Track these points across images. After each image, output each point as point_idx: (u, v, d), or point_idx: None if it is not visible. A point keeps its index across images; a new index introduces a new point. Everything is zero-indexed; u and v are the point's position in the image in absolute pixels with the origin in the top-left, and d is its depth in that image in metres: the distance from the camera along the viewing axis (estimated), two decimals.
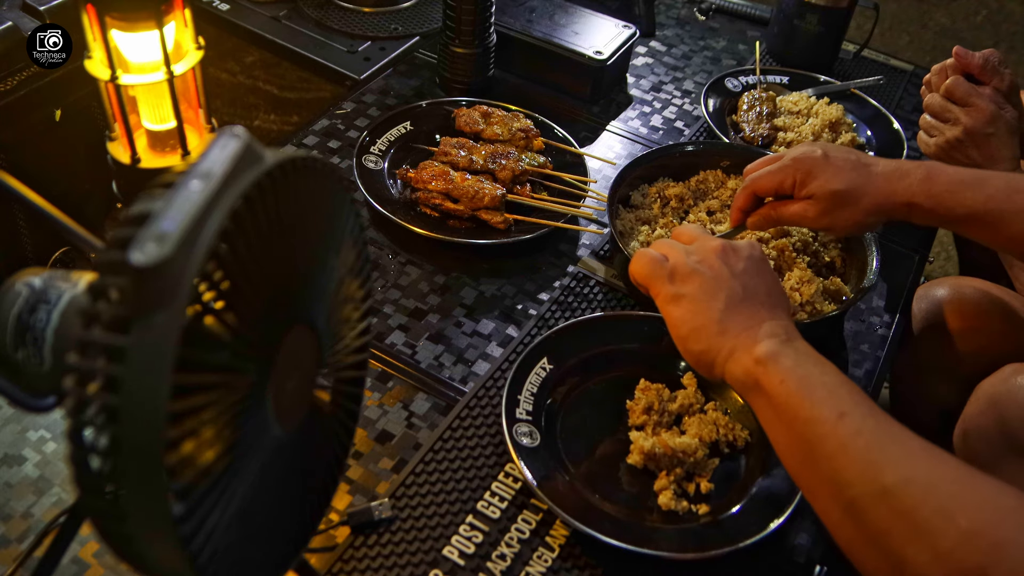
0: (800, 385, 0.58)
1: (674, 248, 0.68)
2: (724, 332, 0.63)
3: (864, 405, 0.56)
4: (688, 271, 0.66)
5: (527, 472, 0.71)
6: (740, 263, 0.66)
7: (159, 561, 0.40)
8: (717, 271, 0.66)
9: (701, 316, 0.64)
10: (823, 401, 0.56)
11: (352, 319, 0.55)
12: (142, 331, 0.36)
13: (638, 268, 0.68)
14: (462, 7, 1.09)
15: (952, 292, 1.06)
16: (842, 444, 0.54)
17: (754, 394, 0.61)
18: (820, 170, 0.77)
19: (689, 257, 0.67)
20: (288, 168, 0.43)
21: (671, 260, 0.67)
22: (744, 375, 0.61)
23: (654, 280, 0.67)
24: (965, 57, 0.97)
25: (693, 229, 0.71)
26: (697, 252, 0.67)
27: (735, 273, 0.65)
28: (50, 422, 0.75)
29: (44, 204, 0.55)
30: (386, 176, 1.01)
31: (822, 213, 0.78)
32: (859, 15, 1.30)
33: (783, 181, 0.79)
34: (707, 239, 0.69)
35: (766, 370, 0.60)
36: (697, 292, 0.65)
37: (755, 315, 0.64)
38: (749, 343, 0.62)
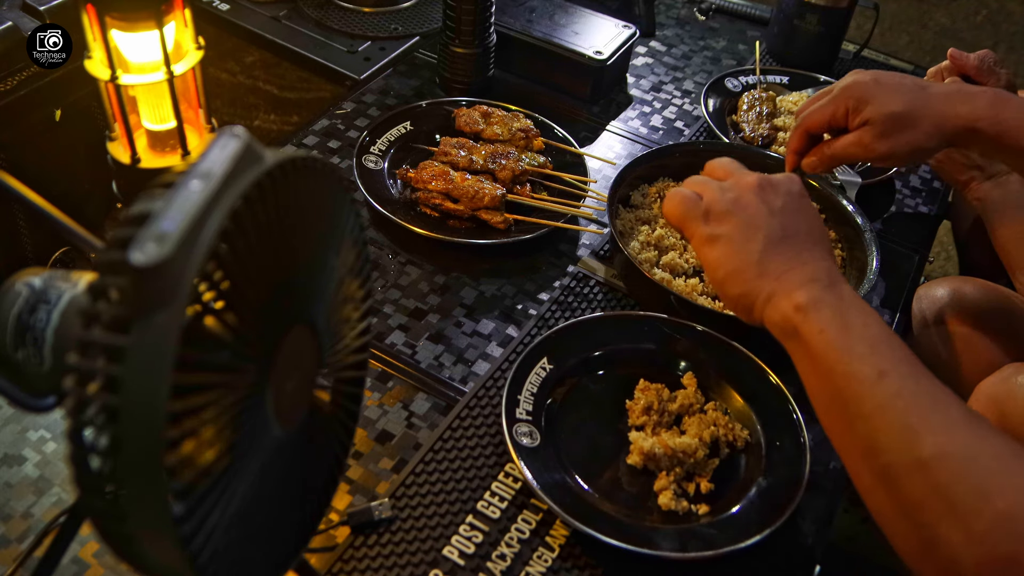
0: (840, 336, 0.55)
1: (708, 185, 0.65)
2: (763, 274, 0.60)
3: (907, 364, 0.53)
4: (724, 210, 0.63)
5: (527, 472, 0.71)
6: (778, 199, 0.63)
7: (159, 561, 0.40)
8: (755, 209, 0.62)
9: (738, 258, 0.61)
10: (863, 357, 0.54)
11: (352, 319, 0.55)
12: (142, 331, 0.36)
13: (671, 208, 0.65)
14: (462, 7, 1.09)
15: (952, 292, 1.06)
16: (880, 406, 0.52)
17: (792, 342, 0.59)
18: (873, 94, 0.73)
19: (724, 195, 0.63)
20: (288, 168, 0.43)
21: (706, 198, 0.64)
22: (783, 321, 0.59)
23: (688, 220, 0.64)
24: (960, 59, 0.97)
25: (727, 163, 0.67)
26: (733, 189, 0.64)
27: (773, 210, 0.62)
28: (50, 422, 0.75)
29: (44, 204, 0.55)
30: (386, 176, 1.01)
31: (879, 137, 0.74)
32: (859, 15, 1.30)
33: (835, 112, 0.75)
34: (743, 174, 0.65)
35: (805, 318, 0.57)
36: (734, 232, 0.62)
37: (796, 255, 0.61)
38: (789, 287, 0.59)
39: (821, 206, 1.01)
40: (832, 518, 0.75)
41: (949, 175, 1.00)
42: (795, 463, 0.74)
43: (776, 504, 0.71)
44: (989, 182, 0.96)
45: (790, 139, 0.80)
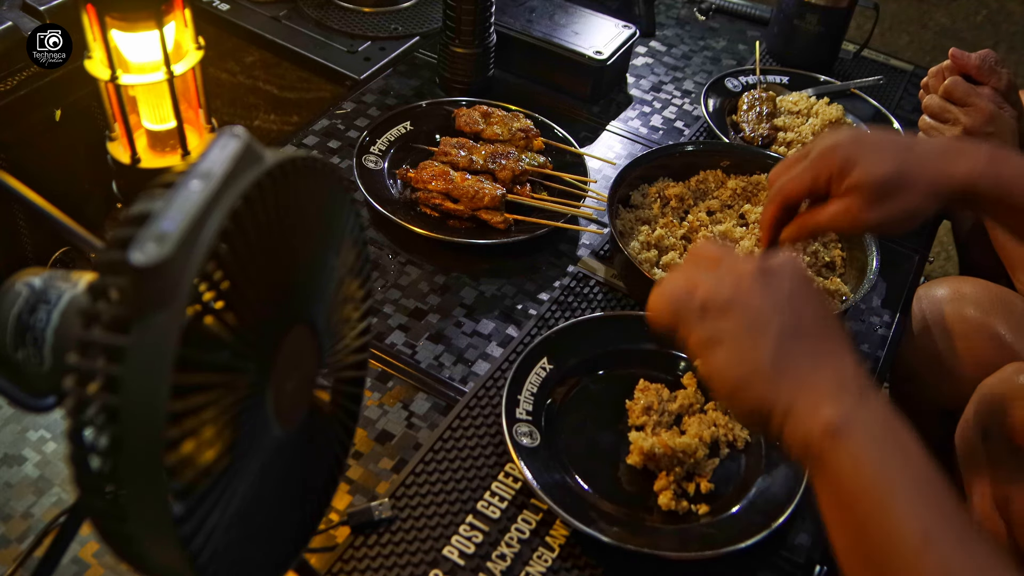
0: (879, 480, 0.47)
1: (700, 276, 0.55)
2: (779, 378, 0.51)
3: (954, 525, 0.46)
4: (723, 304, 0.53)
5: (527, 472, 0.71)
6: (784, 286, 0.54)
7: (159, 561, 0.40)
8: (759, 300, 0.53)
9: (748, 361, 0.52)
10: (907, 515, 0.46)
11: (352, 319, 0.55)
12: (142, 331, 0.36)
13: (659, 306, 0.56)
14: (462, 7, 1.09)
15: (952, 292, 1.06)
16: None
17: (817, 470, 0.50)
18: (859, 156, 0.63)
19: (721, 286, 0.54)
20: (288, 168, 0.43)
21: (700, 291, 0.54)
22: (806, 443, 0.50)
23: (682, 319, 0.55)
24: (962, 58, 0.97)
25: (714, 248, 0.58)
26: (729, 278, 0.54)
27: (780, 301, 0.53)
28: (50, 422, 0.75)
29: (44, 204, 0.55)
30: (386, 176, 1.01)
31: (870, 205, 0.64)
32: (859, 15, 1.30)
33: (816, 178, 0.65)
34: (736, 260, 0.56)
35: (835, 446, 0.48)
36: (738, 330, 0.52)
37: (814, 354, 0.52)
38: (814, 397, 0.50)
39: None
40: None
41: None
42: (795, 463, 0.74)
43: (776, 504, 0.71)
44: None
45: (764, 210, 0.70)
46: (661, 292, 0.56)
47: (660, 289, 0.56)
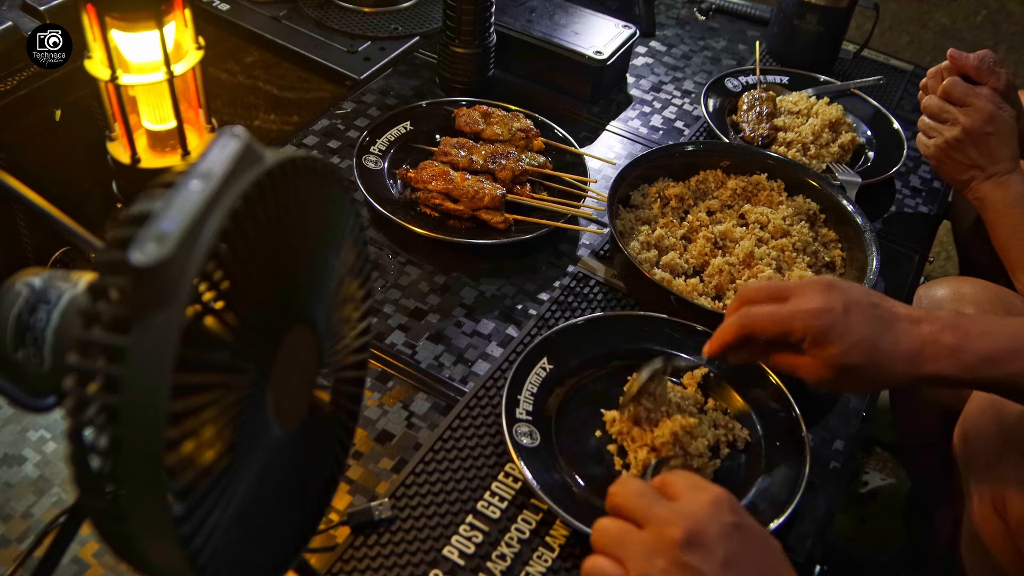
0: None
1: (627, 548, 0.51)
2: None
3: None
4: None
5: (527, 472, 0.71)
6: (718, 552, 0.50)
7: (159, 561, 0.40)
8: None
9: None
10: None
11: (352, 319, 0.55)
12: (142, 331, 0.36)
13: None
14: (462, 7, 1.09)
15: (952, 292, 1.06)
16: None
17: None
18: (838, 335, 0.64)
19: (652, 565, 0.50)
20: (288, 168, 0.43)
21: (630, 571, 0.50)
22: None
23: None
24: (960, 59, 0.97)
25: (637, 500, 0.53)
26: (658, 554, 0.50)
27: (716, 570, 0.50)
28: (50, 422, 0.75)
29: (44, 204, 0.55)
30: (386, 176, 1.01)
31: (832, 379, 0.65)
32: (859, 15, 1.30)
33: (791, 332, 0.65)
34: (662, 522, 0.51)
35: None
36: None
37: None
38: None
39: (821, 205, 1.01)
40: (832, 518, 0.75)
41: (949, 175, 1.00)
42: (795, 463, 0.74)
43: (776, 504, 0.71)
44: (989, 182, 0.96)
45: (726, 328, 0.68)
46: (591, 569, 0.52)
47: (589, 566, 0.52)
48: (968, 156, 0.96)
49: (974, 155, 0.96)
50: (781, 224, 0.97)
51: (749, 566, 0.51)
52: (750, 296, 0.68)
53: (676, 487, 0.54)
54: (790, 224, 0.97)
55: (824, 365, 0.65)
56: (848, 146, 1.12)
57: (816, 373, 0.66)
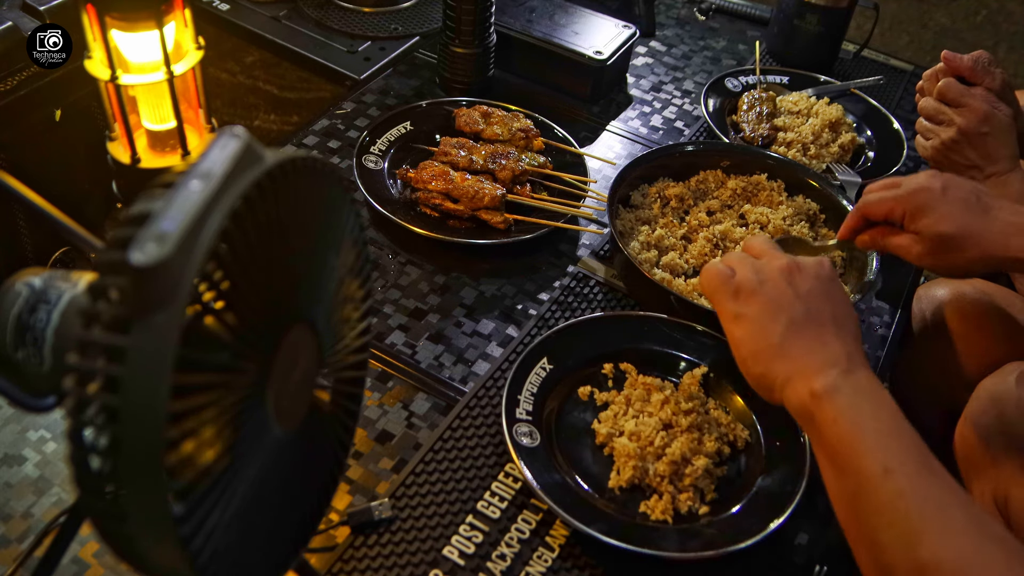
0: (852, 429, 0.56)
1: (743, 264, 0.66)
2: (783, 356, 0.61)
3: (913, 461, 0.54)
4: (751, 290, 0.64)
5: (527, 472, 0.71)
6: (806, 283, 0.64)
7: (159, 561, 0.40)
8: (780, 291, 0.64)
9: (760, 339, 0.63)
10: (871, 452, 0.55)
11: (352, 319, 0.55)
12: (142, 331, 0.36)
13: (706, 281, 0.67)
14: (462, 7, 1.09)
15: (952, 292, 1.06)
16: (883, 504, 0.53)
17: (808, 427, 0.60)
18: (932, 207, 0.73)
19: (755, 274, 0.65)
20: (288, 168, 0.43)
21: (737, 276, 0.66)
22: (800, 406, 0.60)
23: (719, 296, 0.66)
24: (954, 60, 0.97)
25: (763, 243, 0.69)
26: (763, 269, 0.65)
27: (799, 294, 0.64)
28: (50, 422, 0.75)
29: (44, 204, 0.55)
30: (386, 176, 1.01)
31: (926, 253, 0.74)
32: (859, 15, 1.30)
33: (893, 210, 0.76)
34: (774, 256, 0.67)
35: (820, 406, 0.58)
36: (758, 313, 0.63)
37: (817, 338, 0.62)
38: (807, 371, 0.60)
39: (821, 205, 1.01)
40: (832, 518, 0.75)
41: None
42: (795, 463, 0.74)
43: (776, 504, 0.71)
44: (988, 182, 0.96)
45: (850, 215, 0.81)
46: (710, 269, 0.67)
47: (710, 267, 0.67)
48: (966, 156, 0.96)
49: (972, 155, 0.96)
50: (781, 224, 0.97)
51: (827, 305, 0.64)
52: (870, 189, 0.79)
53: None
54: (790, 224, 0.97)
55: (920, 238, 0.74)
56: (848, 146, 1.12)
57: (915, 248, 0.75)
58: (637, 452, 0.73)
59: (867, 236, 0.80)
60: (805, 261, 0.67)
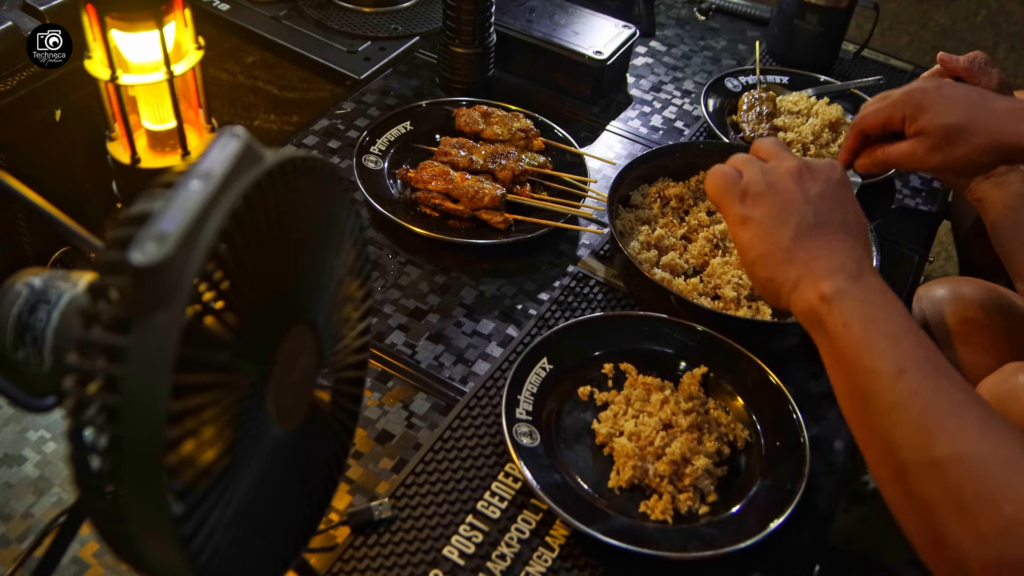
0: (863, 331, 0.55)
1: (750, 165, 0.65)
2: (791, 260, 0.61)
3: (928, 362, 0.54)
4: (759, 192, 0.63)
5: (527, 472, 0.71)
6: (816, 186, 0.63)
7: (159, 561, 0.40)
8: (790, 194, 0.62)
9: (768, 242, 0.62)
10: (884, 353, 0.54)
11: (352, 319, 0.55)
12: (142, 331, 0.36)
13: (711, 184, 0.65)
14: (462, 7, 1.09)
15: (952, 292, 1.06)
16: (897, 403, 0.52)
17: (817, 332, 0.59)
18: (931, 103, 0.72)
19: (763, 176, 0.64)
20: (288, 168, 0.43)
21: (745, 178, 0.64)
22: (808, 310, 0.59)
23: (725, 199, 0.64)
24: (950, 62, 0.97)
25: (772, 144, 0.67)
26: (772, 172, 0.64)
27: (809, 197, 0.62)
28: (50, 422, 0.75)
29: (44, 204, 0.55)
30: (386, 176, 1.01)
31: (932, 150, 0.72)
32: (859, 15, 1.30)
33: (891, 116, 0.74)
34: (784, 157, 0.65)
35: (830, 309, 0.57)
36: (766, 216, 0.62)
37: (826, 243, 0.60)
38: (816, 275, 0.59)
39: None
40: (832, 518, 0.75)
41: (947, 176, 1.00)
42: (795, 463, 0.74)
43: (776, 504, 0.71)
44: (988, 182, 0.96)
45: (846, 137, 0.80)
46: (716, 170, 0.66)
47: (716, 169, 0.66)
48: None
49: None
50: None
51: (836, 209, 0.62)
52: (864, 106, 0.77)
53: None
54: None
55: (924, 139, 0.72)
56: None
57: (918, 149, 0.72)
58: (637, 452, 0.73)
59: (866, 157, 0.78)
60: (816, 163, 0.65)
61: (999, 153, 0.72)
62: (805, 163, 0.64)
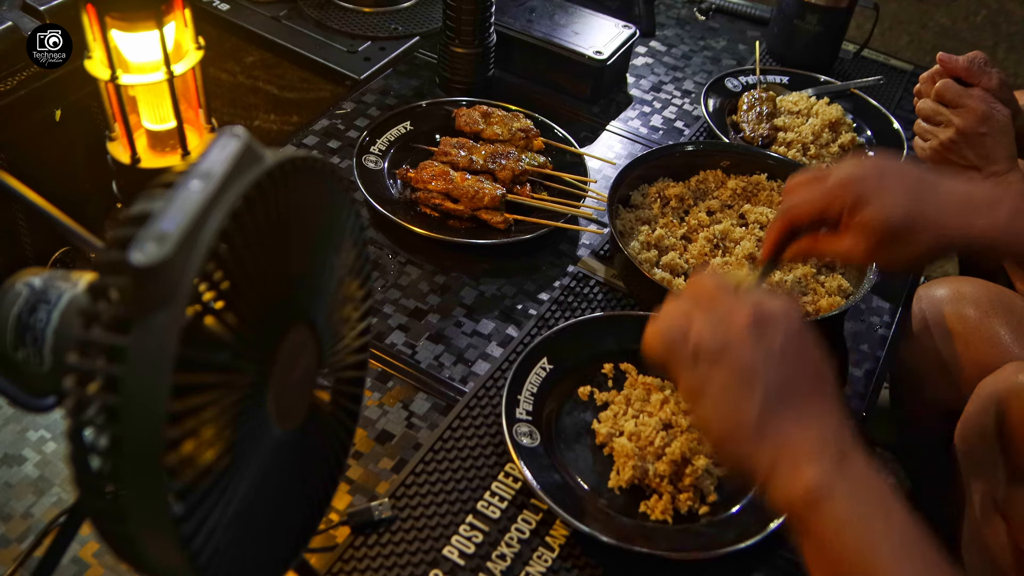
0: (860, 542, 0.48)
1: (695, 318, 0.55)
2: (761, 438, 0.52)
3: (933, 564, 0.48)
4: (713, 354, 0.53)
5: (527, 472, 0.71)
6: (776, 339, 0.53)
7: (159, 561, 0.40)
8: (749, 355, 0.52)
9: (732, 418, 0.52)
10: (888, 573, 0.47)
11: (352, 319, 0.55)
12: (142, 331, 0.36)
13: (654, 343, 0.56)
14: (462, 7, 1.09)
15: (952, 292, 1.06)
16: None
17: (801, 533, 0.51)
18: (874, 194, 0.63)
19: (715, 333, 0.54)
20: (288, 168, 0.43)
21: (693, 335, 0.54)
22: (789, 507, 0.51)
23: (672, 362, 0.55)
24: (950, 62, 0.97)
25: (715, 287, 0.56)
26: (723, 324, 0.54)
27: (771, 354, 0.53)
28: (50, 422, 0.75)
29: (44, 204, 0.55)
30: (386, 176, 1.01)
31: (877, 247, 0.64)
32: (859, 15, 1.30)
33: (828, 207, 0.64)
34: (733, 304, 0.55)
35: (818, 514, 0.49)
36: (727, 383, 0.53)
37: (798, 414, 0.52)
38: (794, 458, 0.50)
39: None
40: None
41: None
42: None
43: None
44: (988, 182, 0.96)
45: (770, 227, 0.68)
46: (657, 328, 0.56)
47: (656, 325, 0.57)
48: (964, 157, 0.96)
49: (970, 156, 0.96)
50: None
51: (802, 365, 0.54)
52: (789, 189, 0.67)
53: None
54: None
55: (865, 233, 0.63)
56: (848, 146, 1.12)
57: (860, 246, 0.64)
58: (637, 452, 0.73)
59: (798, 247, 0.68)
60: (770, 309, 0.55)
61: (949, 248, 0.65)
62: (759, 310, 0.54)
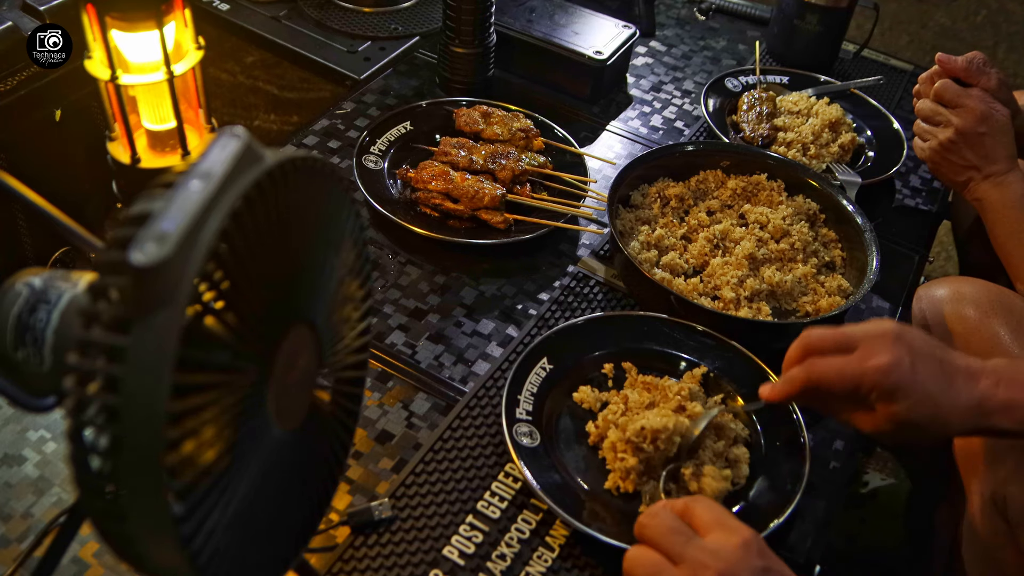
0: None
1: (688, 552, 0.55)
2: None
3: None
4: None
5: (527, 472, 0.71)
6: None
7: (159, 561, 0.40)
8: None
9: None
10: None
11: (352, 319, 0.55)
12: (142, 331, 0.36)
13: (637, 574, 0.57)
14: (462, 7, 1.09)
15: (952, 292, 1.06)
16: None
17: None
18: (909, 391, 0.63)
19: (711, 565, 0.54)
20: (288, 168, 0.43)
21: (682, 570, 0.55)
22: None
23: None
24: (948, 62, 0.97)
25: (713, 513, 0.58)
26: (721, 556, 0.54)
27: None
28: (50, 422, 0.75)
29: (44, 204, 0.55)
30: (386, 176, 1.01)
31: (894, 434, 0.65)
32: (859, 15, 1.30)
33: (858, 388, 0.63)
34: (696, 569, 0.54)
35: None
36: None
37: None
38: None
39: (821, 205, 1.01)
40: (832, 518, 0.75)
41: (946, 177, 1.00)
42: (795, 463, 0.74)
43: (776, 504, 0.71)
44: (987, 182, 0.96)
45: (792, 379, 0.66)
46: (637, 556, 0.57)
47: (639, 551, 0.57)
48: (963, 157, 0.96)
49: (969, 156, 0.96)
50: (781, 224, 0.97)
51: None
52: (814, 345, 0.66)
53: (703, 520, 0.58)
54: (790, 224, 0.97)
55: (887, 420, 0.64)
56: (848, 146, 1.12)
57: (877, 426, 0.65)
58: (637, 452, 0.73)
59: (813, 404, 0.68)
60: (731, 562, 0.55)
61: (946, 442, 0.72)
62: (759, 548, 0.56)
